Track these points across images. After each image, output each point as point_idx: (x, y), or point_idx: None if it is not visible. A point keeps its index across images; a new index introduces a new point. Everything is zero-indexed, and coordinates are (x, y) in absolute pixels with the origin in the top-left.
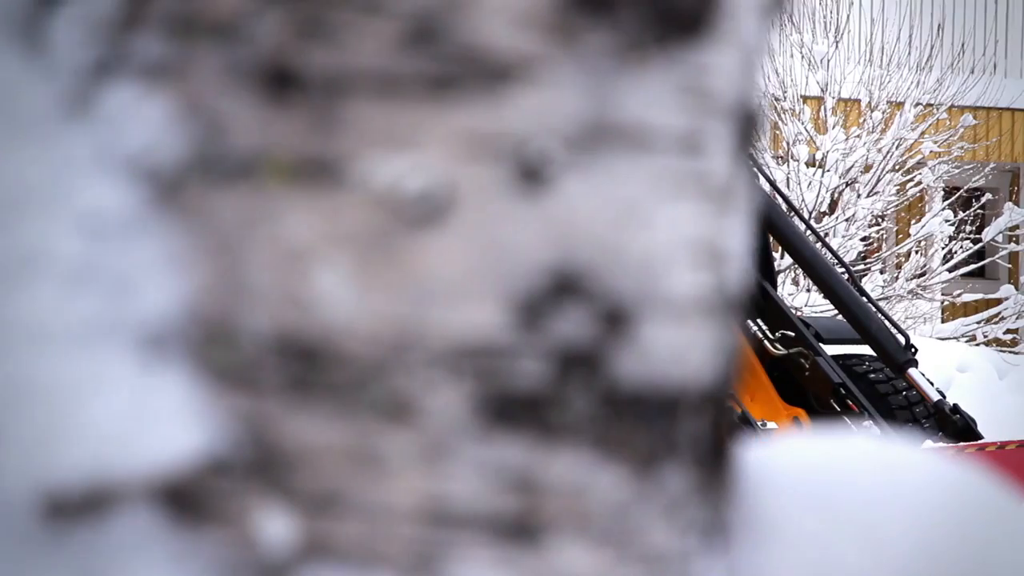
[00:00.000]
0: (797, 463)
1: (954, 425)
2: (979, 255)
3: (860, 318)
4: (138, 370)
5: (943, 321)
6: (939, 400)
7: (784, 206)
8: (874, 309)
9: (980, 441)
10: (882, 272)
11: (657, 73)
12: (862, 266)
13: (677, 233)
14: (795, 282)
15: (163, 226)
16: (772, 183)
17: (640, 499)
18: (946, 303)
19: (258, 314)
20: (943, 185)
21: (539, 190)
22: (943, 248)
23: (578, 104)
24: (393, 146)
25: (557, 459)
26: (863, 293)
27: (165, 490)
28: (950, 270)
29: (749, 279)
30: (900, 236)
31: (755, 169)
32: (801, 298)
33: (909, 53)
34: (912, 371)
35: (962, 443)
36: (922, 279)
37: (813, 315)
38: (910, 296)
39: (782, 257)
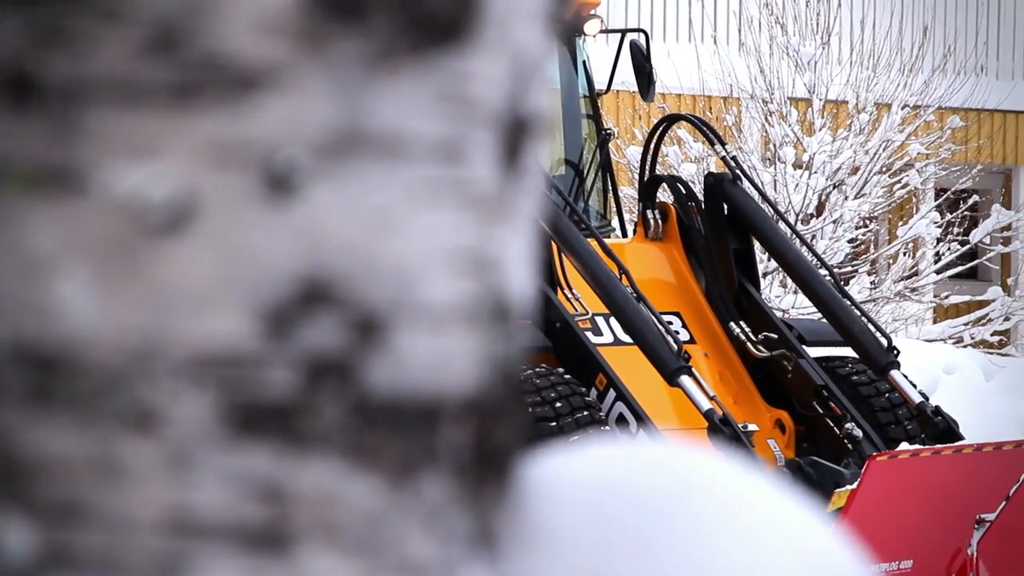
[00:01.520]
0: (583, 473)
1: (936, 427)
2: (971, 256)
3: (843, 320)
4: None
5: (935, 323)
6: (921, 402)
7: (768, 209)
8: (857, 312)
9: (958, 443)
10: (870, 274)
11: (411, 80)
12: (849, 268)
13: (434, 241)
14: (782, 284)
15: None
16: (756, 186)
17: (396, 508)
18: (937, 305)
19: None
20: (935, 187)
21: (287, 198)
22: (933, 250)
23: (328, 112)
24: (135, 154)
25: (306, 468)
26: (846, 296)
27: None
28: (938, 272)
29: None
30: (891, 238)
31: (739, 170)
32: (788, 300)
33: (897, 55)
34: (894, 373)
35: (939, 445)
36: (909, 281)
37: (797, 317)
38: (897, 298)
39: (769, 260)
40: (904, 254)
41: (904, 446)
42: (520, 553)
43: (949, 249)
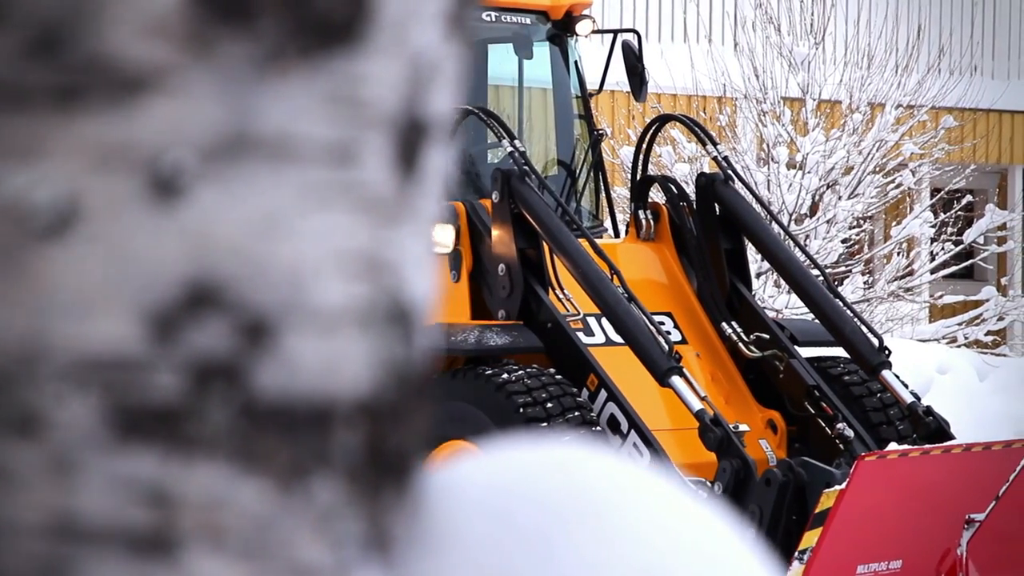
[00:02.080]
0: (485, 476)
1: (927, 427)
2: (968, 256)
3: (834, 320)
4: None
5: (931, 322)
6: (912, 402)
7: (760, 209)
8: (849, 312)
9: (947, 443)
10: (863, 274)
11: (301, 83)
12: (843, 268)
13: (325, 244)
14: (776, 284)
15: None
16: (748, 186)
17: (285, 512)
18: (933, 305)
19: None
20: (931, 187)
21: (173, 201)
22: (927, 250)
23: (215, 115)
24: (19, 157)
25: (193, 472)
26: (838, 296)
27: None
28: (933, 271)
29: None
30: (886, 238)
31: (731, 170)
32: (781, 300)
33: (891, 55)
34: (886, 373)
35: (928, 445)
36: (903, 281)
37: (790, 318)
38: (891, 298)
39: (762, 260)
40: (898, 254)
41: (893, 446)
42: (418, 555)
43: (943, 249)
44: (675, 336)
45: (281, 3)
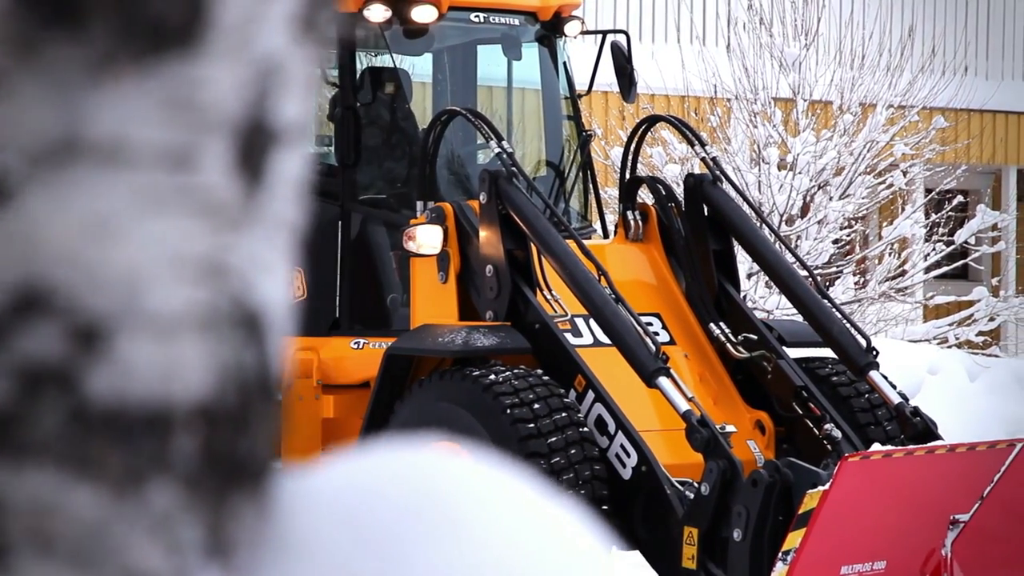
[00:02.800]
0: (341, 480)
1: (914, 427)
2: (960, 256)
3: (822, 321)
4: None
5: (925, 322)
6: (899, 403)
7: (749, 210)
8: (837, 313)
9: (931, 444)
10: (854, 275)
11: (135, 87)
12: (834, 269)
13: (161, 249)
14: (768, 285)
15: None
16: (736, 187)
17: (119, 518)
18: (926, 305)
19: None
20: (925, 187)
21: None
22: (920, 251)
23: (43, 119)
24: None
25: (22, 478)
26: (826, 296)
27: None
28: (925, 272)
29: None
30: (881, 239)
31: (719, 171)
32: (772, 301)
33: (882, 55)
34: (873, 374)
35: (912, 445)
36: (895, 281)
37: (779, 318)
38: (882, 299)
39: (754, 261)
40: (890, 255)
41: (877, 446)
42: (265, 560)
43: (935, 250)
44: (663, 337)
45: (112, 7)
